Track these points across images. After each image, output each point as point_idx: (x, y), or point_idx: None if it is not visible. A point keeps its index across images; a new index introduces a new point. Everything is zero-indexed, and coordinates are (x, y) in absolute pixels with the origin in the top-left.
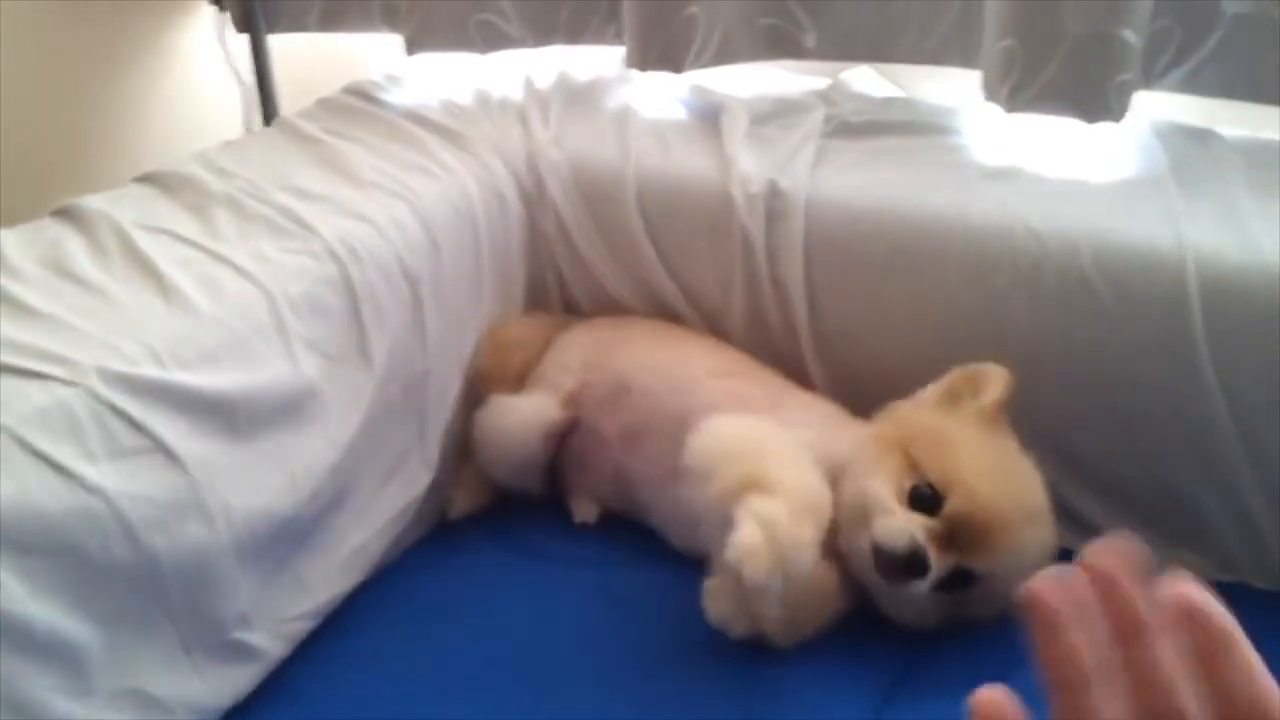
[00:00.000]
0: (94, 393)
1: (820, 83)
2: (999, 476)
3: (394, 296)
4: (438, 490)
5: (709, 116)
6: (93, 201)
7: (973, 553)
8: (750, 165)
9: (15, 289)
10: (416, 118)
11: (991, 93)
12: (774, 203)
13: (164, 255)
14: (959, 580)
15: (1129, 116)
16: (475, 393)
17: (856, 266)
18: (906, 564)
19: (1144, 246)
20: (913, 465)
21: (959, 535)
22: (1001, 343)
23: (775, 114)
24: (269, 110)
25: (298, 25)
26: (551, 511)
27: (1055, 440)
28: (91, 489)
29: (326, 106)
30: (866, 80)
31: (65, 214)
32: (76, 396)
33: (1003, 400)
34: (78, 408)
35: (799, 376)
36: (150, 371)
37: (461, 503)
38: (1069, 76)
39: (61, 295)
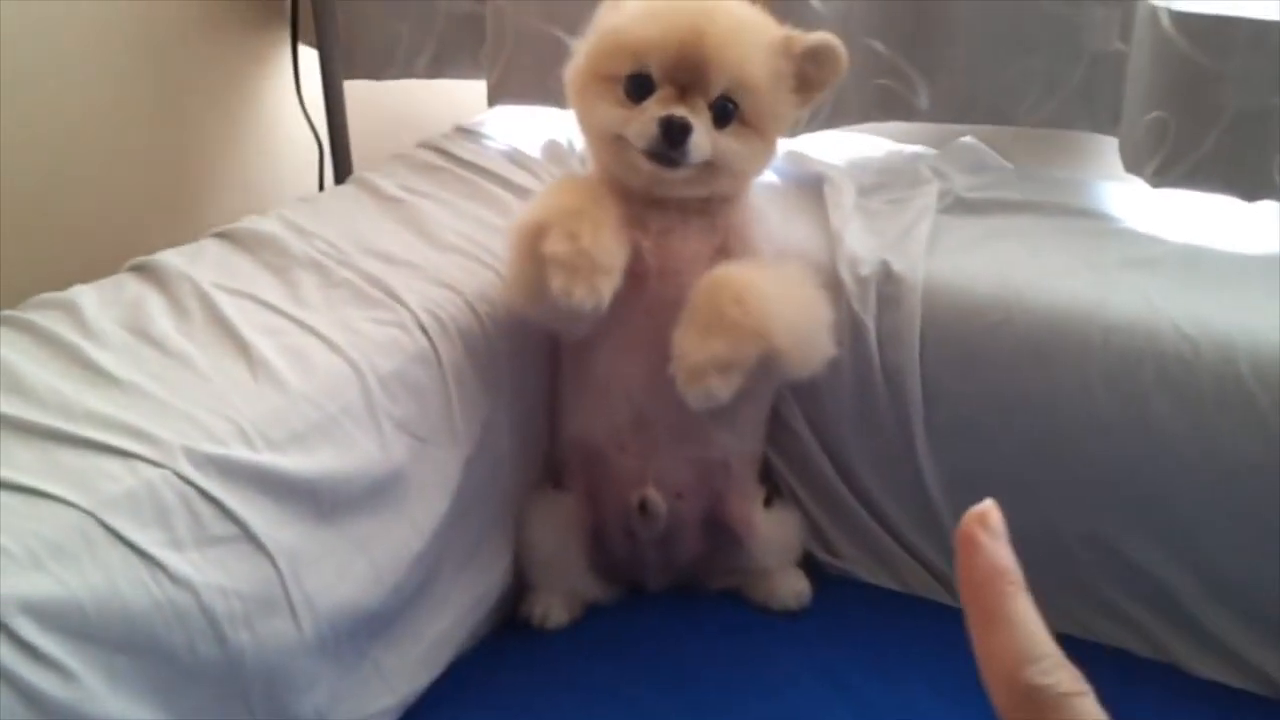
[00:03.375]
0: (182, 475)
1: (920, 149)
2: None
3: (480, 373)
4: (514, 574)
5: (810, 187)
6: (172, 258)
7: (706, 72)
8: (860, 244)
9: (97, 354)
10: (494, 176)
11: (1134, 165)
12: (887, 287)
13: (248, 322)
14: (724, 115)
15: None
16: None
17: (978, 357)
18: (668, 133)
19: None
20: (605, 75)
21: (685, 74)
22: (1143, 445)
23: (881, 185)
24: (341, 163)
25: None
26: (626, 611)
27: (1196, 558)
28: (179, 581)
29: (403, 163)
30: (973, 150)
31: (144, 271)
32: (164, 479)
33: None
34: (165, 491)
35: (910, 472)
36: (240, 453)
37: (559, 614)
38: (1227, 152)
39: (144, 362)
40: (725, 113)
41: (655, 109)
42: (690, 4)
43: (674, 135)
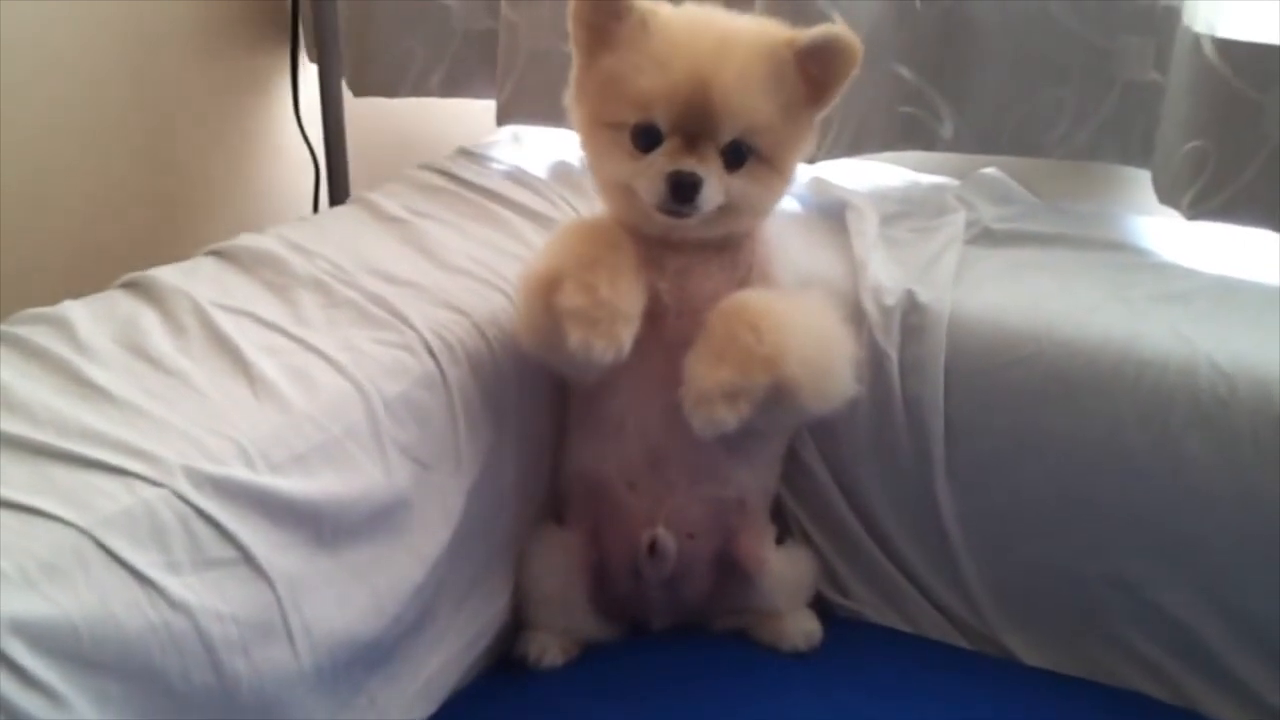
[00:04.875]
0: (181, 495)
1: (942, 180)
2: (679, 48)
3: (487, 400)
4: (512, 612)
5: (832, 214)
6: (166, 275)
7: (715, 122)
8: (884, 273)
9: (92, 370)
10: (500, 198)
11: (1169, 197)
12: (912, 317)
13: (248, 340)
14: (737, 157)
15: None
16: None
17: (1005, 391)
18: (676, 191)
19: None
20: (611, 123)
21: (693, 125)
22: (1173, 485)
23: (905, 214)
24: (337, 185)
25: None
26: (627, 650)
27: (1225, 602)
28: (175, 605)
29: (404, 183)
30: (998, 181)
31: (136, 287)
32: (162, 498)
33: None
34: (163, 511)
35: (928, 509)
36: (240, 473)
37: (554, 654)
38: (1267, 184)
39: (140, 379)
40: (739, 155)
41: (663, 163)
42: (697, 42)
43: (683, 192)
